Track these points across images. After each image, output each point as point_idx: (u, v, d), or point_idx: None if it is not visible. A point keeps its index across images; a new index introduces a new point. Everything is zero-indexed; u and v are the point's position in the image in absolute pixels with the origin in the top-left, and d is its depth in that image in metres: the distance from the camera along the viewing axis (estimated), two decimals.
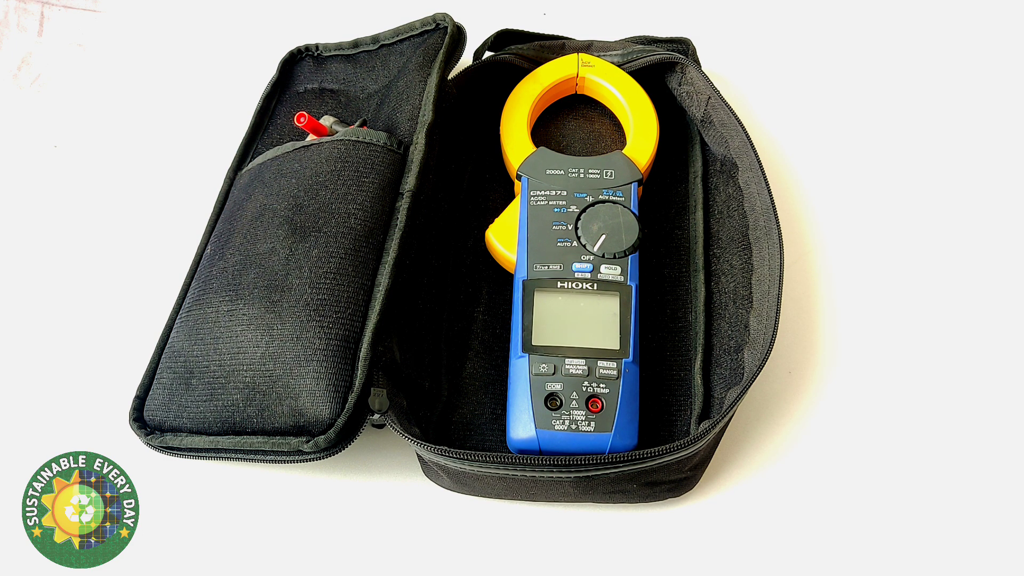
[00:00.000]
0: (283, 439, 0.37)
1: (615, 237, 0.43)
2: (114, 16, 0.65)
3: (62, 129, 0.58)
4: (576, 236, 0.43)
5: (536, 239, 0.43)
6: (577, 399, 0.39)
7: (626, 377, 0.39)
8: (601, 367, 0.39)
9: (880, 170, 0.53)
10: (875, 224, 0.51)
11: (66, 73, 0.61)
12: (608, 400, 0.39)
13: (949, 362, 0.46)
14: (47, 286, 0.51)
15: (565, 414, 0.38)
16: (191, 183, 0.54)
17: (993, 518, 0.41)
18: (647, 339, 0.44)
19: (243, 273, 0.41)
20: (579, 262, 0.42)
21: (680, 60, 0.50)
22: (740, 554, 0.40)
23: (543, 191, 0.45)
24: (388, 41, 0.52)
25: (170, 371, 0.42)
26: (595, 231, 0.43)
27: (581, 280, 0.42)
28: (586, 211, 0.44)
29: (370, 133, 0.44)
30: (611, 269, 0.42)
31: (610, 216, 0.44)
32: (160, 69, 0.62)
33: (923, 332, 0.47)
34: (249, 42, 0.63)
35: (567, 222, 0.44)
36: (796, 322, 0.47)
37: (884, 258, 0.49)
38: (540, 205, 0.45)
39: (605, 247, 0.43)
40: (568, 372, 0.39)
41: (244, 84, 0.58)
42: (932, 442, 0.43)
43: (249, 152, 0.53)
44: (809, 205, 0.52)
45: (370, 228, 0.41)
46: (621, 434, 0.38)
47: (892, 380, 0.45)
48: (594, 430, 0.38)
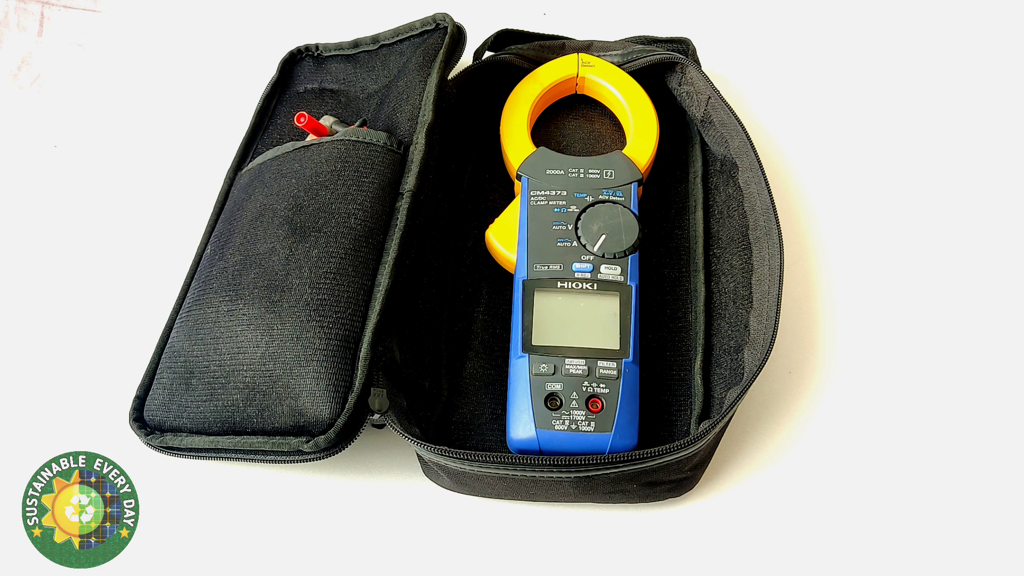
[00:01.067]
0: (283, 439, 0.37)
1: (615, 237, 0.43)
2: (114, 16, 0.65)
3: (62, 129, 0.58)
4: (576, 236, 0.43)
5: (536, 239, 0.43)
6: (577, 399, 0.39)
7: (626, 377, 0.40)
8: (601, 367, 0.40)
9: (879, 170, 0.53)
10: (875, 224, 0.51)
11: (66, 73, 0.61)
12: (608, 400, 0.39)
13: (949, 362, 0.46)
14: (47, 286, 0.51)
15: (565, 414, 0.39)
16: (191, 183, 0.54)
17: (993, 517, 0.41)
18: (647, 339, 0.44)
19: (243, 273, 0.41)
20: (579, 262, 0.43)
21: (680, 60, 0.50)
22: (740, 554, 0.40)
23: (543, 191, 0.45)
24: (388, 41, 0.52)
25: (170, 371, 0.42)
26: (595, 231, 0.43)
27: (581, 280, 0.42)
28: (586, 211, 0.44)
29: (370, 133, 0.44)
30: (611, 269, 0.42)
31: (610, 216, 0.44)
32: (160, 69, 0.62)
33: (923, 332, 0.47)
34: (249, 42, 0.63)
35: (567, 222, 0.44)
36: (796, 322, 0.47)
37: (884, 258, 0.49)
38: (540, 205, 0.45)
39: (605, 247, 0.43)
40: (568, 372, 0.39)
41: (244, 84, 0.58)
42: (932, 442, 0.43)
43: (249, 152, 0.53)
44: (808, 205, 0.52)
45: (370, 228, 0.41)
46: (621, 434, 0.38)
47: (892, 380, 0.45)
48: (594, 430, 0.38)
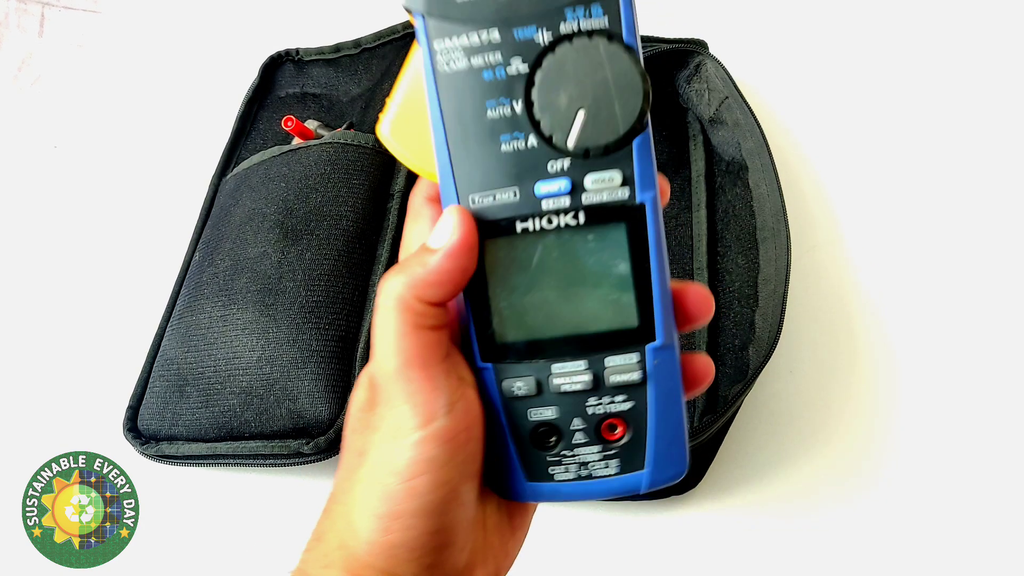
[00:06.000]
0: (282, 442, 0.37)
1: (602, 109, 0.23)
2: (114, 17, 0.65)
3: (62, 129, 0.58)
4: (531, 124, 0.23)
5: (460, 143, 0.24)
6: (583, 427, 0.24)
7: (658, 373, 0.24)
8: (614, 366, 0.24)
9: (883, 171, 0.53)
10: (877, 225, 0.50)
11: (66, 73, 0.61)
12: (634, 417, 0.24)
13: (949, 362, 0.45)
14: (47, 286, 0.51)
15: (568, 455, 0.25)
16: (179, 188, 0.54)
17: (992, 517, 0.41)
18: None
19: (235, 278, 0.41)
20: (545, 177, 0.23)
21: (700, 52, 0.49)
22: (741, 554, 0.40)
23: (454, 37, 0.23)
24: (370, 45, 0.52)
25: (163, 379, 0.42)
26: (563, 105, 0.23)
27: (554, 211, 0.24)
28: (541, 66, 0.23)
29: (358, 135, 0.44)
30: (604, 176, 0.24)
31: (587, 67, 0.23)
32: (160, 69, 0.62)
33: (923, 332, 0.46)
34: (249, 42, 0.62)
35: (509, 96, 0.23)
36: (798, 322, 0.46)
37: (886, 259, 0.49)
38: (455, 70, 0.23)
39: (587, 134, 0.23)
40: (560, 386, 0.24)
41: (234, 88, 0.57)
42: (932, 442, 0.43)
43: (233, 158, 0.52)
44: (808, 205, 0.51)
45: (362, 229, 0.41)
46: (663, 463, 0.25)
47: (892, 379, 0.45)
48: (619, 471, 0.25)
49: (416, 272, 0.22)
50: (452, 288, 0.23)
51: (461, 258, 0.23)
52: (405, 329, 0.22)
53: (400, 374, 0.22)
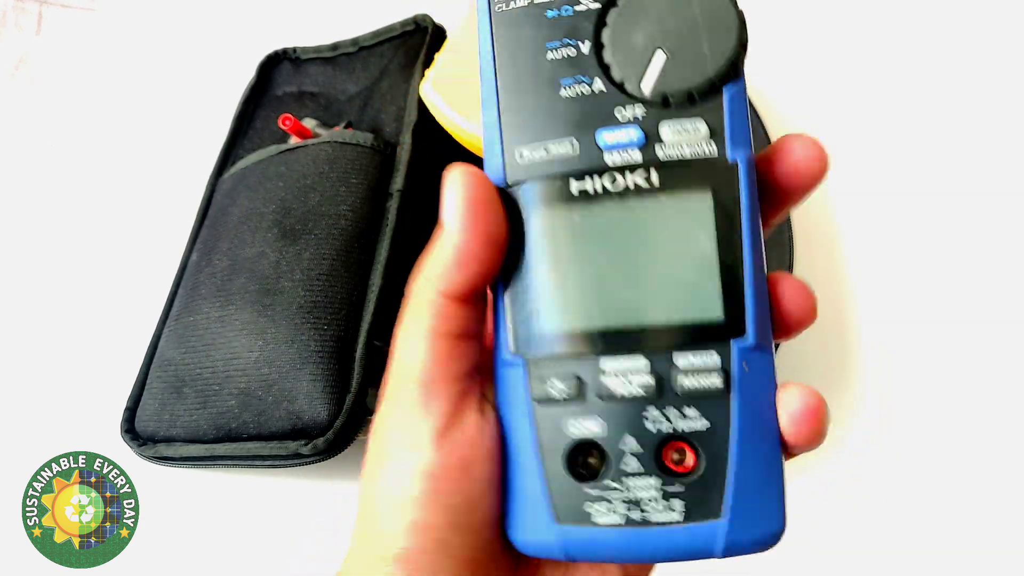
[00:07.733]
0: (281, 443, 0.37)
1: (688, 50, 0.19)
2: (111, 16, 0.65)
3: (59, 128, 0.58)
4: (600, 66, 0.19)
5: (512, 90, 0.20)
6: (639, 450, 0.18)
7: (747, 382, 0.18)
8: (685, 367, 0.18)
9: (883, 171, 0.52)
10: (877, 225, 0.50)
11: (63, 72, 0.61)
12: (710, 440, 0.18)
13: (949, 362, 0.45)
14: (46, 285, 0.51)
15: (615, 488, 0.18)
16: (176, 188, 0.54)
17: (992, 516, 0.40)
18: None
19: (233, 278, 0.41)
20: (611, 125, 0.19)
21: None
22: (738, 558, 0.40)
23: None
24: (368, 43, 0.52)
25: (160, 380, 0.42)
26: (640, 46, 0.19)
27: (621, 167, 0.19)
28: (616, 3, 0.20)
29: (356, 134, 0.44)
30: (686, 127, 0.19)
31: (671, 3, 0.19)
32: (157, 68, 0.61)
33: (924, 332, 0.46)
34: (246, 41, 0.62)
35: (575, 36, 0.20)
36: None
37: (886, 258, 0.49)
38: (513, 7, 0.20)
39: (667, 78, 0.19)
40: (610, 389, 0.19)
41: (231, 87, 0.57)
42: (931, 442, 0.43)
43: (230, 157, 0.52)
44: (808, 205, 0.51)
45: (361, 229, 0.41)
46: (748, 514, 0.19)
47: (892, 379, 0.45)
48: (682, 519, 0.19)
49: (434, 258, 0.18)
50: (479, 267, 0.18)
51: (480, 221, 0.18)
52: (418, 332, 0.18)
53: (397, 389, 0.18)
